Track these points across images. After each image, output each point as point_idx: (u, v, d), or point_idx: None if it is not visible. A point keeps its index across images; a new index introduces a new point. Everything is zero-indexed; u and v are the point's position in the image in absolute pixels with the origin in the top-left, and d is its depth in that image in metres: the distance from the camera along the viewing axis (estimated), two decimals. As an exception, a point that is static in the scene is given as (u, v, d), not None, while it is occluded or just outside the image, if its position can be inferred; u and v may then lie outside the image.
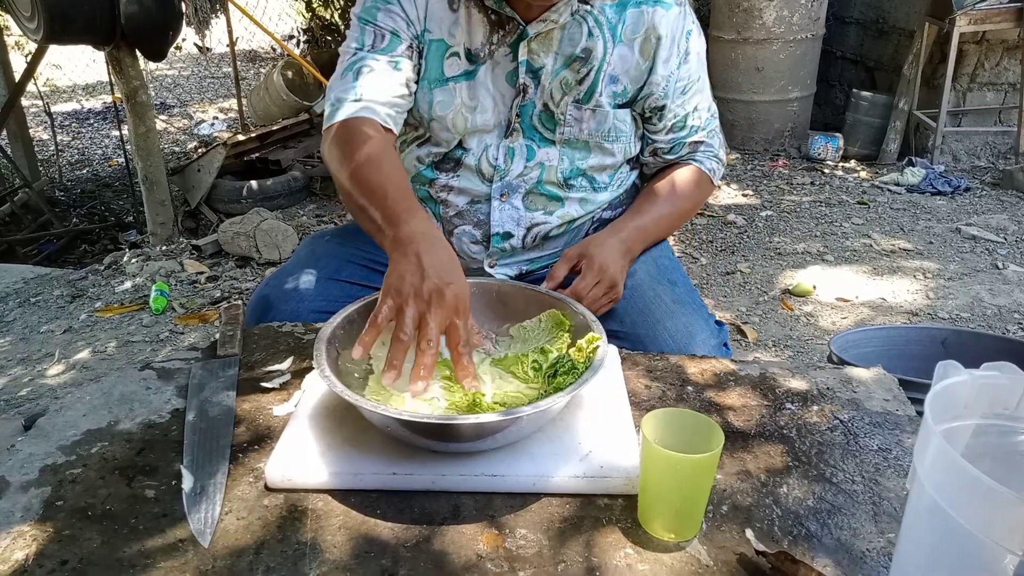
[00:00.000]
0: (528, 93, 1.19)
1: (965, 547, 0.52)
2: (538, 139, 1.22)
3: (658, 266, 1.24)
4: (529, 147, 1.22)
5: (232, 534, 0.72)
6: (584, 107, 1.20)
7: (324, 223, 3.97)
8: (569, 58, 1.18)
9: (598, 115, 1.21)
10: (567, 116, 1.20)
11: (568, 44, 1.17)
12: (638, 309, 1.16)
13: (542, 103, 1.20)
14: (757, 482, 0.79)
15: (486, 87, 1.19)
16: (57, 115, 6.30)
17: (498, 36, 1.17)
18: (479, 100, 1.20)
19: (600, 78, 1.19)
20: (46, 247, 3.96)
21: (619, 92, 1.21)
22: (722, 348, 1.16)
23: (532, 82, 1.19)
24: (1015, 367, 0.60)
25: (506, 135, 1.22)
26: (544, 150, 1.23)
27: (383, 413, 0.75)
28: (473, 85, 1.19)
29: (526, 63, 1.17)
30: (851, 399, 0.94)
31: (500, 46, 1.17)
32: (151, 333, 2.74)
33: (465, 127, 1.21)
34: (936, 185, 4.01)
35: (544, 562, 0.69)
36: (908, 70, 4.35)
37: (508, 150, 1.22)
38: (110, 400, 0.93)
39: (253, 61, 8.52)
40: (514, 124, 1.21)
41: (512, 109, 1.20)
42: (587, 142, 1.23)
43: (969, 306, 2.83)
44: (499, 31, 1.17)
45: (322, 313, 1.16)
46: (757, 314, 2.84)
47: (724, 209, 3.90)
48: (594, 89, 1.19)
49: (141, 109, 3.55)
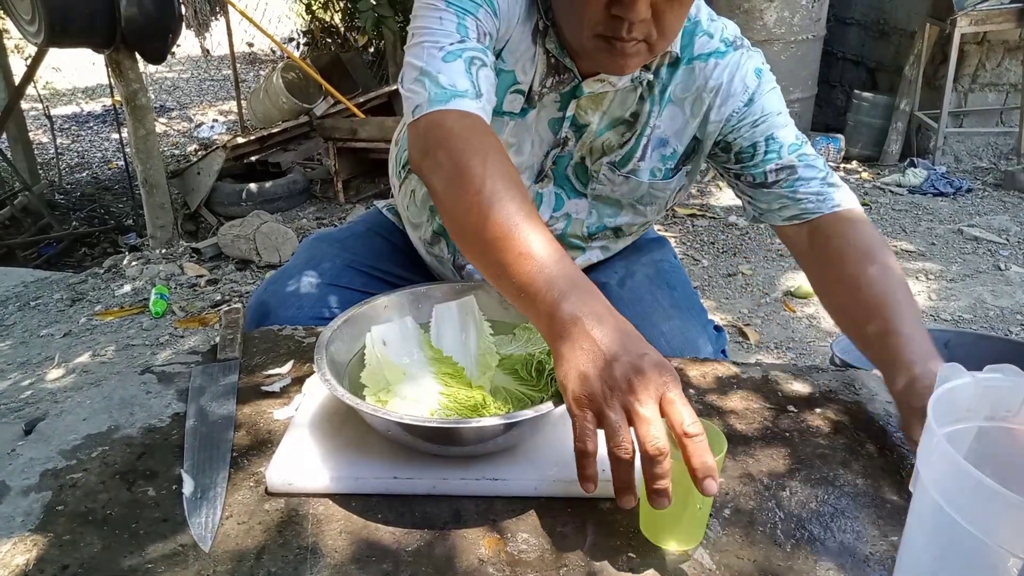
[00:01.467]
0: (567, 146, 1.13)
1: (969, 551, 0.51)
2: (568, 189, 1.17)
3: (658, 270, 1.24)
4: (558, 196, 1.17)
5: (233, 538, 0.72)
6: (619, 171, 1.14)
7: (324, 225, 3.96)
8: (616, 120, 1.11)
9: (631, 183, 1.14)
10: (600, 175, 1.14)
11: (619, 107, 1.10)
12: (635, 313, 1.16)
13: (579, 156, 1.14)
14: (760, 485, 0.79)
15: (529, 130, 1.12)
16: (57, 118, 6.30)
17: (552, 81, 1.08)
18: (520, 142, 1.13)
19: (641, 143, 1.12)
20: (46, 250, 3.96)
21: (668, 155, 1.14)
22: (720, 355, 1.15)
23: (574, 136, 1.12)
24: (1017, 369, 0.60)
25: (537, 180, 1.16)
26: (573, 201, 1.17)
27: (384, 417, 0.75)
28: (519, 125, 1.11)
29: (572, 118, 1.11)
30: (854, 402, 0.94)
31: (551, 91, 1.09)
32: (151, 337, 2.73)
33: None
34: (938, 186, 4.01)
35: (545, 567, 0.68)
36: (909, 71, 4.35)
37: (537, 195, 1.16)
38: (110, 404, 0.93)
39: (253, 64, 8.53)
40: (547, 171, 1.15)
41: (548, 157, 1.14)
42: (619, 201, 1.17)
43: (971, 308, 2.83)
44: (554, 76, 1.08)
45: (321, 319, 1.15)
46: (759, 316, 2.84)
47: (726, 211, 3.89)
48: (632, 154, 1.12)
49: (141, 112, 3.56)
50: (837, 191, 1.06)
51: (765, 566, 0.68)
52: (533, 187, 1.17)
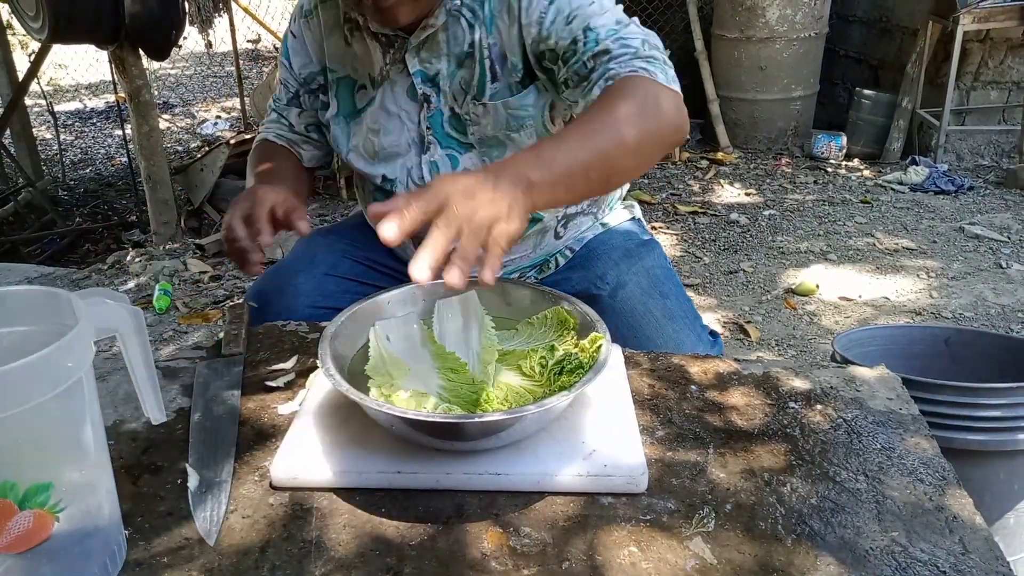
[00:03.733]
0: (432, 103, 1.16)
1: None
2: (456, 146, 1.18)
3: (650, 277, 1.22)
4: (451, 156, 1.19)
5: (238, 532, 0.73)
6: (480, 102, 1.14)
7: (327, 222, 3.97)
8: (460, 56, 1.14)
9: (490, 109, 1.14)
10: (471, 114, 1.15)
11: (455, 43, 1.13)
12: (628, 325, 1.16)
13: (449, 109, 1.16)
14: (760, 481, 0.79)
15: (386, 109, 1.18)
16: (60, 114, 6.31)
17: (390, 55, 1.17)
18: (381, 123, 1.19)
19: (487, 66, 1.13)
20: (49, 246, 3.97)
21: (512, 69, 1.12)
22: None
23: (433, 91, 1.16)
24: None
25: (423, 151, 1.19)
26: (466, 156, 1.18)
27: (387, 412, 0.76)
28: (375, 110, 1.19)
29: (420, 73, 1.15)
30: (854, 398, 0.94)
31: (393, 64, 1.17)
32: (155, 332, 2.74)
33: (373, 150, 1.20)
34: (939, 184, 4.00)
35: (548, 560, 0.69)
36: (912, 68, 4.35)
37: (431, 165, 1.19)
38: (115, 399, 0.93)
39: (256, 60, 8.53)
40: (427, 138, 1.18)
41: (420, 123, 1.18)
42: (496, 137, 1.16)
43: (973, 305, 2.83)
44: (389, 49, 1.16)
45: (319, 309, 1.16)
46: (760, 313, 2.84)
47: (727, 208, 3.89)
48: (484, 79, 1.13)
49: (144, 108, 3.56)
50: (644, 61, 0.97)
51: (766, 561, 0.69)
52: (424, 158, 1.19)
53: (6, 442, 0.57)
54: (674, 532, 0.72)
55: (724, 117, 4.80)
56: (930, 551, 0.70)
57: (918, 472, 0.81)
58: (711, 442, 0.85)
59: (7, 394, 0.55)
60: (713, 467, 0.81)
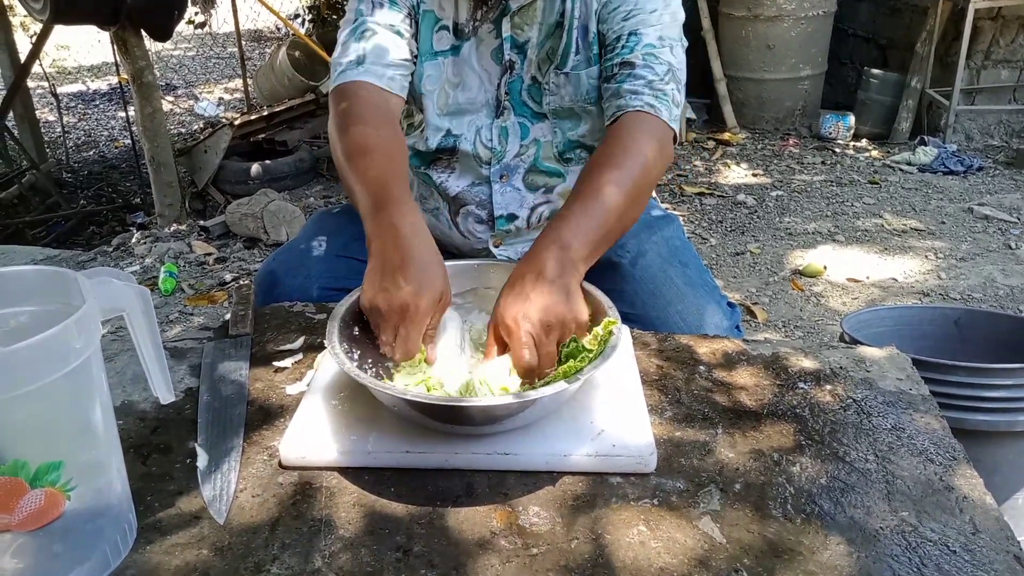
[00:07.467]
0: (515, 69, 1.16)
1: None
2: (529, 115, 1.19)
3: (669, 247, 1.23)
4: (523, 124, 1.19)
5: (247, 511, 0.73)
6: (560, 72, 1.15)
7: (331, 203, 3.96)
8: (551, 27, 1.14)
9: (572, 79, 1.15)
10: (550, 84, 1.16)
11: (550, 13, 1.13)
12: (648, 291, 1.15)
13: (530, 77, 1.17)
14: (770, 461, 0.79)
15: (470, 65, 1.17)
16: (63, 96, 6.29)
17: (481, 12, 1.14)
18: (463, 78, 1.17)
19: (573, 37, 1.13)
20: (54, 229, 3.97)
21: (592, 41, 1.14)
22: (734, 330, 1.15)
23: (518, 58, 1.16)
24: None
25: (497, 115, 1.19)
26: (537, 126, 1.20)
27: (391, 393, 0.75)
28: (458, 61, 1.17)
29: (511, 39, 1.14)
30: (864, 379, 0.94)
31: (483, 22, 1.15)
32: (161, 314, 2.75)
33: (446, 103, 1.19)
34: (948, 164, 3.97)
35: (557, 539, 0.69)
36: (921, 47, 4.29)
37: (501, 130, 1.19)
38: (124, 379, 0.93)
39: (258, 41, 8.48)
40: (504, 102, 1.18)
41: (500, 87, 1.17)
42: (572, 109, 1.18)
43: (981, 286, 2.81)
44: (483, 7, 1.14)
45: (329, 290, 1.16)
46: (767, 295, 2.83)
47: (734, 189, 3.87)
48: (568, 50, 1.14)
49: (147, 90, 3.54)
50: (653, 97, 1.05)
51: (775, 540, 0.69)
52: (496, 122, 1.19)
53: (16, 421, 0.57)
54: (683, 512, 0.72)
55: (731, 97, 4.75)
56: (940, 531, 0.70)
57: (928, 452, 0.80)
58: (720, 422, 0.85)
59: (16, 374, 0.55)
60: (722, 447, 0.81)
